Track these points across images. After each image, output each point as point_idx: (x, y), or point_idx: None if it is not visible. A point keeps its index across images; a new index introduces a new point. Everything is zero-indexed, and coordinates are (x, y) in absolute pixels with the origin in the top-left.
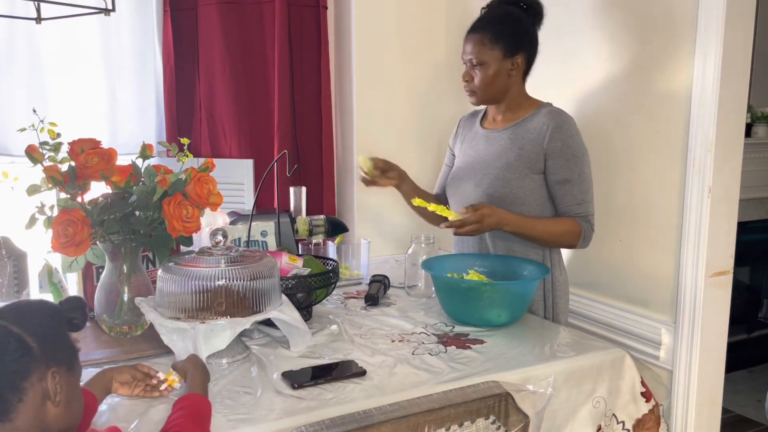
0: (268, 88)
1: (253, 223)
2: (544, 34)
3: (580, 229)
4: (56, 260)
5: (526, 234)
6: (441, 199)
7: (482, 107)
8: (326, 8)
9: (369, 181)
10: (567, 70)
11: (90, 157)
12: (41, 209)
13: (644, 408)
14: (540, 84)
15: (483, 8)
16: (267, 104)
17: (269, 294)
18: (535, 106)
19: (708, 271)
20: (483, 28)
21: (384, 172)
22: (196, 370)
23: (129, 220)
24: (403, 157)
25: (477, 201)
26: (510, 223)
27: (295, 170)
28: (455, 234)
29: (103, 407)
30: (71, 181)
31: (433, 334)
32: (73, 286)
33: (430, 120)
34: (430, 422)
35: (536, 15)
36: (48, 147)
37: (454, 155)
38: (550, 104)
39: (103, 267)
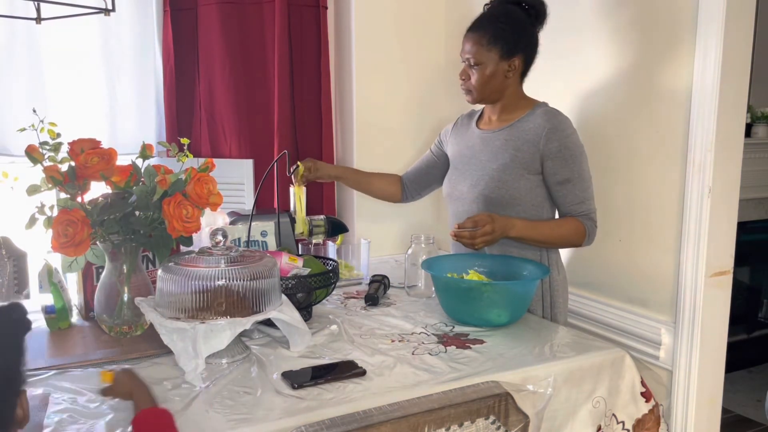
0: (268, 88)
1: (253, 223)
2: (543, 34)
3: (584, 228)
4: (56, 260)
5: (530, 238)
6: (407, 179)
7: (479, 107)
8: (326, 8)
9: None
10: (567, 70)
11: (90, 157)
12: (41, 209)
13: (644, 408)
14: (540, 83)
15: (486, 4)
16: (267, 104)
17: (269, 294)
18: (531, 107)
19: (708, 271)
20: (482, 27)
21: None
22: (138, 386)
23: (129, 220)
24: (402, 156)
25: (473, 201)
26: (515, 227)
27: (295, 170)
28: (475, 247)
29: (103, 407)
30: (71, 181)
31: (433, 334)
32: (73, 286)
33: (429, 119)
34: (430, 422)
35: (538, 16)
36: (48, 147)
37: (440, 146)
38: (545, 104)
39: (103, 267)
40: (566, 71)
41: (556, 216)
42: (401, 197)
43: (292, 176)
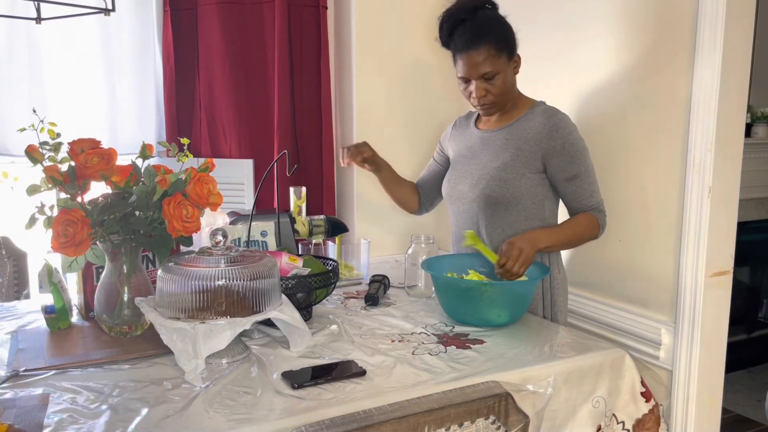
0: (268, 88)
1: (253, 223)
2: (544, 34)
3: (597, 221)
4: (56, 260)
5: (558, 243)
6: (421, 190)
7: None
8: (326, 8)
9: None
10: (567, 71)
11: (90, 157)
12: (41, 209)
13: (644, 408)
14: (540, 84)
15: (445, 19)
16: (267, 104)
17: (269, 294)
18: (529, 106)
19: (708, 271)
20: (484, 38)
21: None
22: None
23: (129, 220)
24: (401, 156)
25: (474, 201)
26: (540, 238)
27: (295, 170)
28: (519, 275)
29: (103, 407)
30: (71, 181)
31: (433, 334)
32: (73, 286)
33: (429, 120)
34: (430, 422)
35: (498, 8)
36: (48, 147)
37: (442, 152)
38: (543, 103)
39: (103, 267)
40: (566, 72)
41: (558, 214)
42: (417, 209)
43: (345, 156)
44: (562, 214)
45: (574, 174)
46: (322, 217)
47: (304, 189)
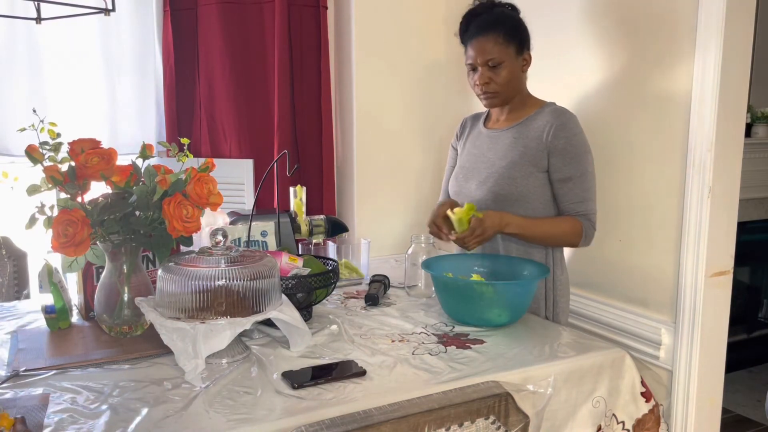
0: (268, 88)
1: (253, 223)
2: (544, 35)
3: (581, 227)
4: (56, 260)
5: (528, 235)
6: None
7: (483, 108)
8: (326, 8)
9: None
10: (567, 71)
11: (90, 157)
12: (41, 209)
13: (644, 408)
14: (540, 84)
15: (465, 15)
16: (267, 104)
17: (269, 294)
18: (539, 106)
19: (708, 271)
20: (493, 27)
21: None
22: None
23: (129, 220)
24: (403, 156)
25: (482, 199)
26: (511, 223)
27: (295, 170)
28: (468, 249)
29: (103, 407)
30: (71, 181)
31: (433, 334)
32: (73, 286)
33: (430, 119)
34: (430, 422)
35: (518, 11)
36: (48, 147)
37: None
38: (553, 103)
39: (103, 267)
40: (567, 72)
41: None
42: None
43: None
44: None
45: (568, 176)
46: (322, 217)
47: (304, 189)
